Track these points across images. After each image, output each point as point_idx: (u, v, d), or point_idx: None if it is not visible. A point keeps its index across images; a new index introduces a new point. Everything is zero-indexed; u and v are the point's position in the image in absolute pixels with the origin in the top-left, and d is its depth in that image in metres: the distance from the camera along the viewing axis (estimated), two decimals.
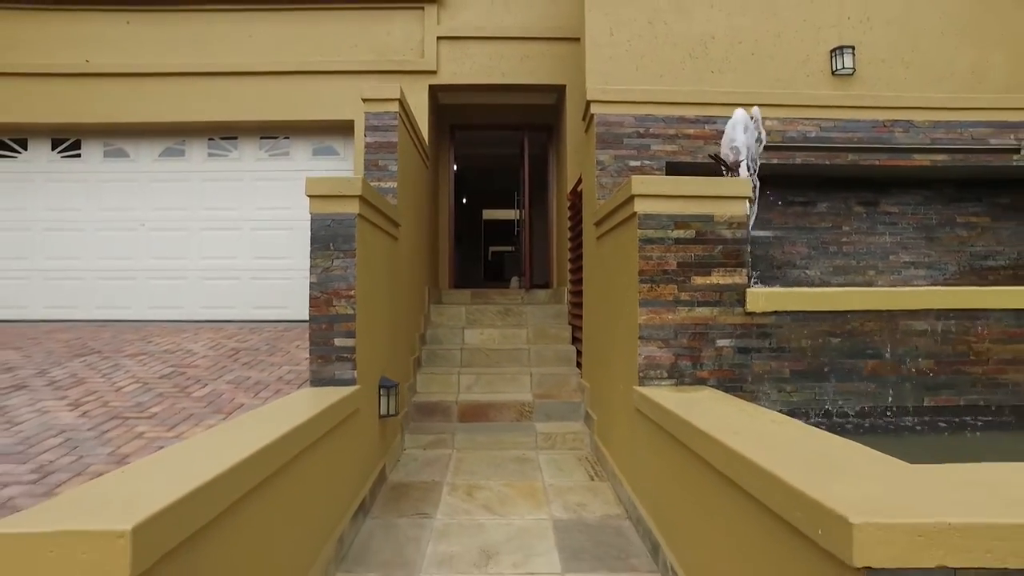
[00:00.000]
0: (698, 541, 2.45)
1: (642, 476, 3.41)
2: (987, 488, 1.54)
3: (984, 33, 5.69)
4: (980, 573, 1.31)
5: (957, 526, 1.32)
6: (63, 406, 3.98)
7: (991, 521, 1.32)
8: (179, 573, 1.51)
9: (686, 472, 2.56)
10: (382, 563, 3.04)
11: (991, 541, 1.31)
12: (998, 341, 3.67)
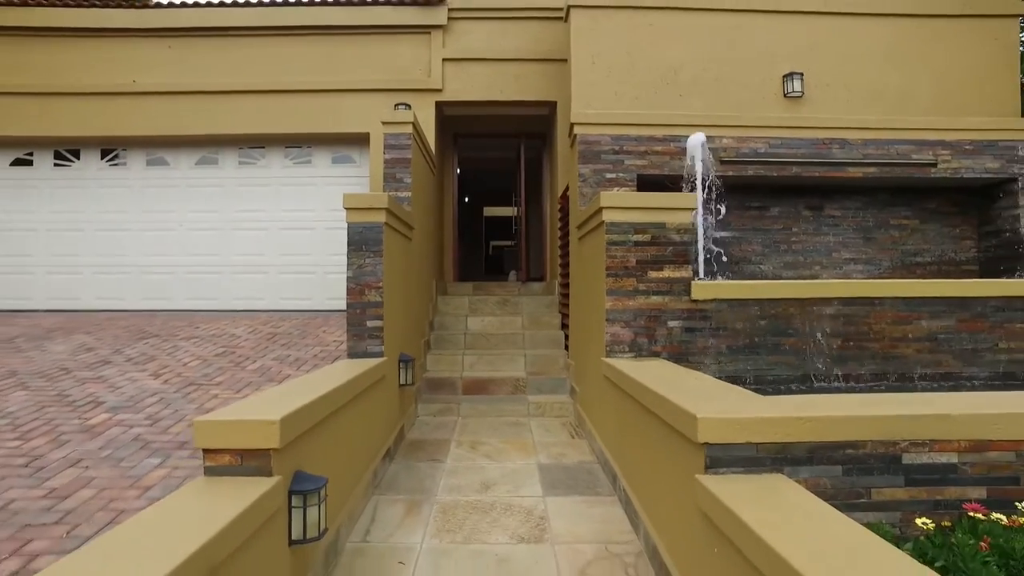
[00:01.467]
0: (638, 466, 3.42)
1: (608, 428, 4.37)
2: (792, 405, 2.51)
3: (912, 62, 6.62)
4: (766, 446, 2.27)
5: (756, 419, 2.28)
6: (147, 376, 4.96)
7: (773, 415, 2.29)
8: (299, 449, 2.48)
9: (634, 418, 3.53)
10: (408, 489, 4.02)
11: (773, 427, 2.27)
12: (890, 323, 4.63)
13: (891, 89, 6.64)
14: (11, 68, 8.08)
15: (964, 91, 6.66)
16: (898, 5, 6.71)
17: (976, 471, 2.36)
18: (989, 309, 4.64)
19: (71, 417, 4.00)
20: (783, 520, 1.77)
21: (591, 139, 6.17)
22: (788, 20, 6.70)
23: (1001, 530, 2.13)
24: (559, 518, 3.55)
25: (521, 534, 3.32)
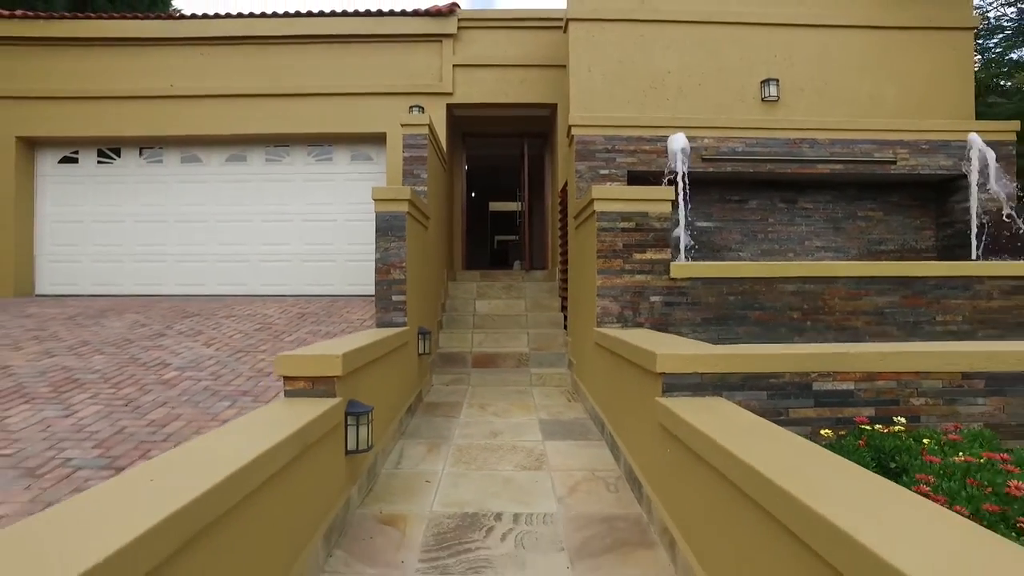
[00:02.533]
0: (619, 411, 4.17)
1: (598, 387, 5.13)
2: (731, 348, 3.26)
3: (878, 69, 7.33)
4: (709, 375, 3.02)
5: (701, 355, 3.03)
6: (200, 345, 5.74)
7: (714, 353, 3.04)
8: (352, 382, 3.25)
9: (617, 370, 4.28)
10: (428, 436, 4.78)
11: (714, 362, 3.02)
12: (843, 299, 5.36)
13: (859, 94, 7.36)
14: (61, 75, 8.86)
15: (925, 96, 7.38)
16: (865, 17, 7.42)
17: (867, 395, 3.11)
18: (928, 287, 5.36)
19: (147, 374, 4.78)
20: (717, 422, 2.50)
21: (587, 139, 6.91)
22: (765, 31, 7.42)
23: (878, 435, 2.88)
24: (555, 455, 4.32)
25: (524, 465, 4.09)
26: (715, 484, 2.19)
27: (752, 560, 1.86)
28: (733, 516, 2.02)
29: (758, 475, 1.78)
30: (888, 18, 7.42)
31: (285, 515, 2.31)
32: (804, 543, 1.49)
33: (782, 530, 1.62)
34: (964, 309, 5.34)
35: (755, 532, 1.83)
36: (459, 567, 2.70)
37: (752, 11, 7.43)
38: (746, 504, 1.88)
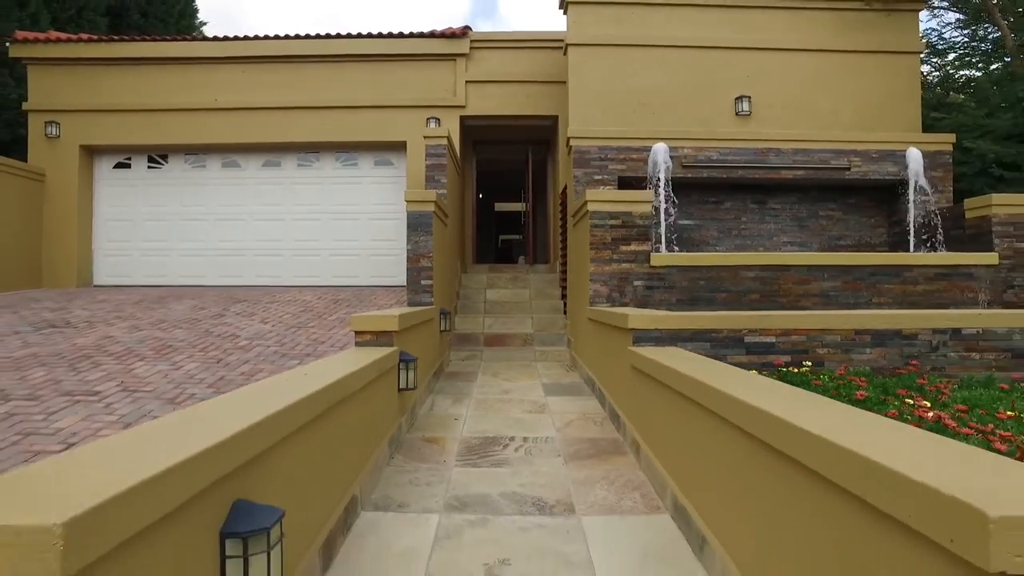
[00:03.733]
0: (609, 374, 5.27)
1: (589, 355, 6.23)
2: (684, 313, 4.36)
3: (837, 87, 8.43)
4: (667, 331, 4.12)
5: (660, 316, 4.14)
6: (257, 322, 6.86)
7: (670, 315, 4.15)
8: (402, 339, 4.37)
9: (603, 337, 5.38)
10: (452, 392, 5.89)
11: (670, 321, 4.13)
12: (795, 284, 6.45)
13: (821, 109, 8.46)
14: (118, 91, 9.99)
15: (878, 110, 8.47)
16: (826, 42, 8.52)
17: (784, 346, 4.22)
18: (865, 274, 6.45)
19: (224, 342, 5.90)
20: (669, 358, 3.60)
21: (583, 149, 8.02)
22: (740, 54, 8.52)
23: (789, 374, 3.98)
24: (555, 404, 5.43)
25: (529, 410, 5.20)
26: (667, 398, 3.29)
27: (692, 443, 2.95)
28: (679, 417, 3.12)
29: (695, 382, 2.84)
30: (846, 43, 8.51)
31: (367, 420, 3.42)
32: (724, 419, 2.38)
33: (711, 415, 2.59)
34: (895, 292, 6.43)
35: (693, 423, 2.92)
36: (485, 463, 3.82)
37: (728, 36, 8.54)
38: (688, 406, 2.96)
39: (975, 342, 4.43)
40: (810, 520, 1.67)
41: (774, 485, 1.91)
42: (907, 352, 4.38)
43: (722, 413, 2.34)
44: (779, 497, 1.88)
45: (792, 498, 1.78)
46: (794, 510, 1.77)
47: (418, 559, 2.60)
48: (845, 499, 1.47)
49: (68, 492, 1.14)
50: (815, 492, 1.63)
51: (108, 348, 5.60)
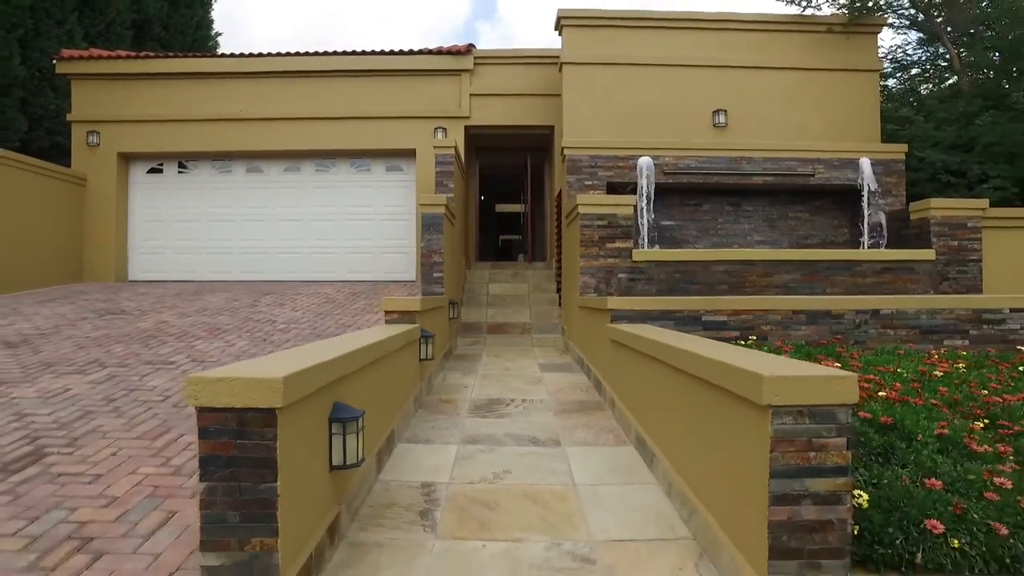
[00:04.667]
0: (594, 351, 6.22)
1: (580, 339, 7.18)
2: (654, 297, 5.32)
3: (805, 101, 9.39)
4: (638, 311, 5.07)
5: (633, 300, 5.09)
6: (288, 310, 7.81)
7: (641, 298, 5.10)
8: (422, 318, 5.33)
9: (590, 319, 6.33)
10: (461, 369, 6.84)
11: (641, 304, 5.08)
12: (759, 277, 7.39)
13: (790, 121, 9.42)
14: (152, 103, 10.94)
15: (842, 123, 9.43)
16: (795, 61, 9.48)
17: (735, 324, 5.17)
18: (821, 268, 7.40)
19: (264, 326, 6.85)
20: (638, 330, 4.55)
21: (575, 157, 8.97)
22: (717, 71, 9.48)
23: (740, 344, 4.92)
24: (549, 377, 6.38)
25: (527, 381, 6.15)
26: (633, 358, 4.24)
27: (648, 391, 3.91)
28: (640, 372, 4.07)
29: (648, 340, 3.81)
30: (812, 61, 9.48)
31: (399, 377, 4.37)
32: (663, 362, 3.39)
33: (658, 364, 3.59)
34: (847, 284, 7.38)
35: (648, 374, 3.88)
36: (491, 416, 4.77)
37: (707, 55, 9.50)
38: (646, 361, 3.92)
39: (890, 320, 5.38)
40: (696, 405, 2.65)
41: (683, 395, 2.88)
42: (835, 329, 5.33)
43: (662, 358, 3.31)
44: (684, 402, 2.85)
45: (690, 398, 2.75)
46: (689, 405, 2.74)
47: (444, 469, 3.57)
48: (714, 390, 2.44)
49: (277, 370, 2.11)
50: (698, 389, 2.60)
51: (166, 330, 6.56)
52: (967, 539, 2.14)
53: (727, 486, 2.39)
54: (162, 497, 2.93)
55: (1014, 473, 2.38)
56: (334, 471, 2.60)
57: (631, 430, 4.12)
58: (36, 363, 5.18)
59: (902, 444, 2.64)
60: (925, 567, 2.16)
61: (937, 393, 3.37)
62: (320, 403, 2.49)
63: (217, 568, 2.03)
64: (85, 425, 3.81)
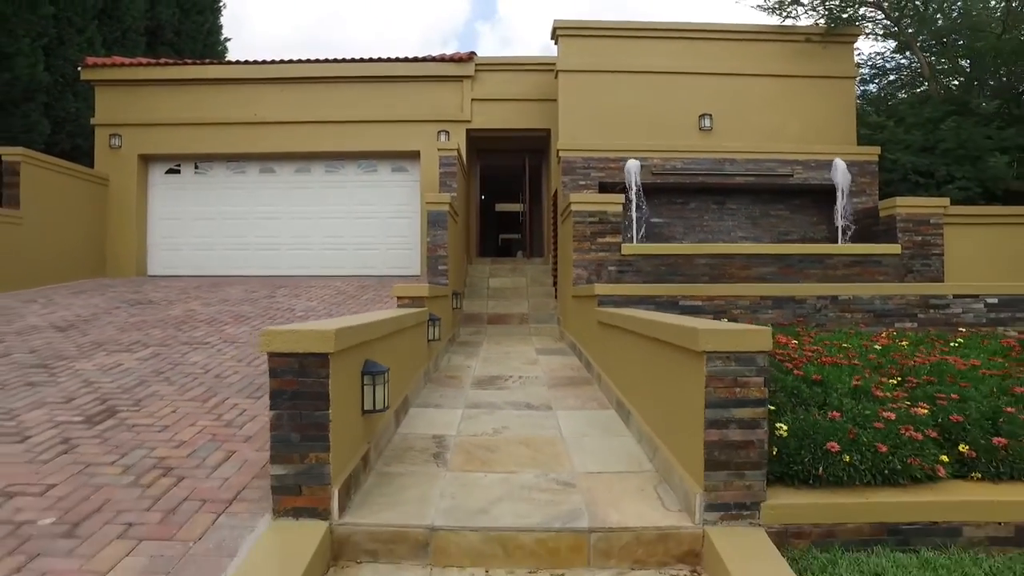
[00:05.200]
0: (584, 334, 6.86)
1: (572, 326, 7.81)
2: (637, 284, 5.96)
3: (785, 106, 10.03)
4: (623, 296, 5.71)
5: (619, 286, 5.73)
6: (304, 301, 8.45)
7: (625, 285, 5.74)
8: (430, 304, 5.97)
9: (581, 306, 6.97)
10: (464, 353, 7.48)
11: (626, 290, 5.72)
12: (739, 269, 8.01)
13: (771, 125, 10.06)
14: (169, 107, 11.57)
15: (819, 126, 10.06)
16: (775, 68, 10.11)
17: (708, 308, 5.81)
18: (795, 261, 8.02)
19: (284, 314, 7.48)
20: (619, 310, 5.18)
21: (570, 159, 9.61)
22: (703, 78, 10.11)
23: None
24: (543, 360, 7.02)
25: (525, 362, 6.79)
26: (615, 335, 4.88)
27: (627, 361, 4.54)
28: (621, 346, 4.71)
29: (626, 316, 4.46)
30: (792, 69, 10.11)
31: (411, 351, 5.01)
32: (638, 334, 4.11)
33: (635, 336, 4.26)
34: (819, 276, 8.00)
35: (627, 345, 4.52)
36: (492, 388, 5.41)
37: (693, 63, 10.13)
38: (625, 335, 4.57)
39: (848, 305, 6.01)
40: (657, 362, 3.29)
41: (649, 356, 3.52)
42: (798, 312, 5.96)
43: (634, 329, 3.96)
44: (650, 361, 3.49)
45: (653, 357, 3.40)
46: (653, 363, 3.39)
47: (452, 425, 4.21)
48: (671, 350, 3.08)
49: (327, 327, 2.75)
50: (658, 348, 3.25)
51: (195, 317, 7.19)
52: (857, 456, 2.77)
53: (678, 423, 3.03)
54: (220, 441, 3.57)
55: (899, 410, 3.01)
56: (365, 415, 3.24)
57: (613, 398, 4.76)
58: (87, 343, 5.82)
59: (824, 393, 3.28)
60: (826, 479, 2.80)
61: (867, 360, 4.01)
62: (356, 357, 3.13)
63: (283, 476, 2.67)
64: (144, 391, 4.45)
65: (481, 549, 2.64)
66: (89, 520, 2.68)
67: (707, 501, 2.68)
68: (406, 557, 2.65)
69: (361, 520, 2.72)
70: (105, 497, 2.88)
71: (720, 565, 2.48)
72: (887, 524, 2.72)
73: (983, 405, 3.10)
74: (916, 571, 2.48)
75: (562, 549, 2.64)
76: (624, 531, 2.67)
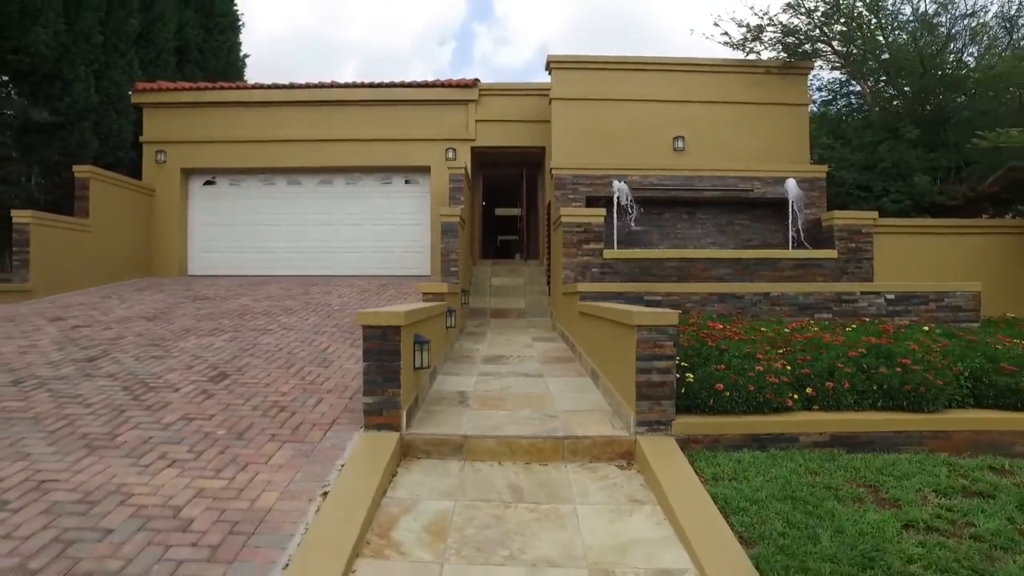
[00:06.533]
0: (570, 323, 8.42)
1: (563, 320, 9.38)
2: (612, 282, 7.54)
3: (748, 129, 11.61)
4: (601, 293, 7.28)
5: (596, 284, 7.31)
6: (335, 297, 10.00)
7: (602, 283, 7.32)
8: (448, 299, 7.54)
9: (568, 301, 8.53)
10: (473, 341, 9.03)
11: (602, 287, 7.30)
12: (701, 271, 9.58)
13: (735, 145, 11.63)
14: (208, 126, 13.09)
15: (779, 147, 11.64)
16: (740, 96, 11.69)
17: (667, 302, 7.37)
18: (750, 264, 9.58)
19: (323, 307, 9.03)
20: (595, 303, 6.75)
21: (561, 176, 11.17)
22: (678, 105, 11.69)
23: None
24: (538, 345, 8.58)
25: (522, 346, 8.36)
26: (596, 325, 6.44)
27: (598, 341, 6.11)
28: (594, 330, 6.28)
29: (599, 307, 6.03)
30: (754, 97, 11.70)
31: (437, 334, 6.55)
32: (605, 319, 5.68)
33: (603, 321, 5.83)
34: (770, 277, 9.55)
35: (600, 329, 6.09)
36: (498, 363, 6.98)
37: (669, 92, 11.71)
38: (598, 322, 6.13)
39: (778, 300, 7.59)
40: (612, 336, 4.88)
41: (609, 333, 5.10)
42: (738, 306, 7.53)
43: (601, 315, 5.54)
44: (609, 336, 5.07)
45: (610, 333, 4.98)
46: (610, 337, 4.97)
47: (470, 385, 5.78)
48: (621, 327, 4.67)
49: (396, 310, 4.33)
50: (614, 327, 4.84)
51: (252, 310, 8.74)
52: (735, 394, 4.35)
53: (623, 375, 4.60)
54: (310, 393, 5.13)
55: (769, 365, 4.59)
56: (416, 370, 4.80)
57: (588, 368, 6.33)
58: (177, 329, 7.37)
59: (724, 357, 4.85)
60: (715, 408, 4.37)
61: (767, 337, 5.58)
62: (411, 331, 4.68)
63: (371, 403, 4.23)
64: (240, 362, 6.01)
65: (495, 449, 4.21)
66: (246, 433, 4.24)
67: (638, 420, 4.25)
68: (448, 455, 4.21)
69: (419, 432, 4.29)
70: (249, 422, 4.44)
71: (644, 459, 4.04)
72: (751, 435, 4.30)
73: (825, 363, 4.68)
74: (764, 459, 4.06)
75: (546, 449, 4.21)
76: (586, 439, 4.25)
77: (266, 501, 3.32)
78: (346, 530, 3.02)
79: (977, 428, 4.38)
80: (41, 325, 7.44)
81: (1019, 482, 3.81)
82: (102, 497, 3.30)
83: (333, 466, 3.78)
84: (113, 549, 2.83)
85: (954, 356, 4.90)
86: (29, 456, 3.75)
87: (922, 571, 2.86)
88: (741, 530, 3.18)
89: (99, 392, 4.99)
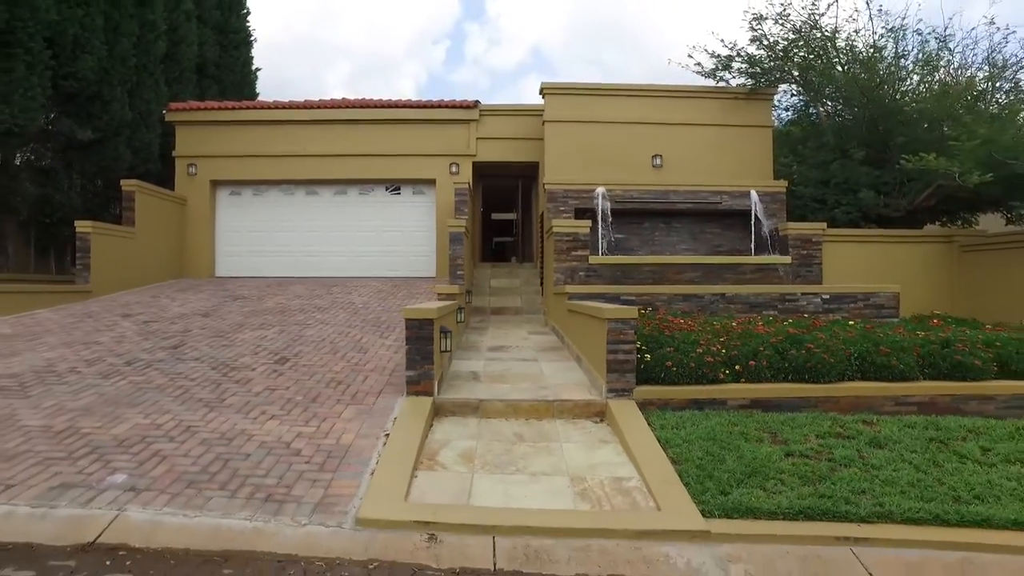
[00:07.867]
0: (560, 320, 9.92)
1: (555, 316, 10.87)
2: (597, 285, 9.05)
3: (719, 149, 13.16)
4: (588, 293, 8.78)
5: (583, 286, 8.81)
6: (355, 296, 11.46)
7: (589, 285, 8.83)
8: (457, 297, 9.03)
9: (558, 301, 10.03)
10: (476, 334, 10.51)
11: (589, 288, 8.80)
12: (675, 275, 11.10)
13: (708, 163, 13.17)
14: (234, 141, 14.49)
15: (747, 165, 13.18)
16: (711, 119, 13.23)
17: (639, 301, 8.88)
18: (716, 269, 11.10)
19: (347, 305, 10.48)
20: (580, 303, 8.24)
21: (553, 191, 12.67)
22: (657, 127, 13.21)
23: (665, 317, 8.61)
24: (533, 337, 10.08)
25: (519, 338, 9.85)
26: (580, 319, 7.94)
27: (581, 331, 7.61)
28: (578, 323, 7.78)
29: (583, 304, 7.53)
30: (724, 120, 13.24)
31: (452, 327, 8.03)
32: (587, 315, 7.18)
33: (585, 316, 7.33)
34: (733, 279, 11.09)
35: (583, 323, 7.59)
36: (500, 352, 8.48)
37: (649, 115, 13.23)
38: (581, 316, 7.63)
39: (732, 300, 9.11)
40: (591, 328, 6.40)
41: (588, 326, 6.62)
42: (698, 304, 9.04)
43: (583, 312, 7.05)
44: (588, 328, 6.59)
45: (589, 326, 6.50)
46: (589, 329, 6.49)
47: (479, 366, 7.28)
48: (596, 320, 6.19)
49: (430, 306, 5.84)
50: (592, 321, 6.36)
51: (288, 307, 10.18)
52: (680, 370, 5.86)
53: (597, 355, 6.09)
54: (358, 372, 6.60)
55: (707, 348, 6.10)
56: (442, 353, 6.27)
57: (574, 354, 7.83)
58: (232, 323, 8.81)
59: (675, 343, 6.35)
60: (665, 380, 5.89)
61: (715, 329, 7.09)
62: (439, 323, 6.16)
63: (412, 375, 5.72)
64: (294, 349, 7.46)
65: (503, 410, 5.71)
66: (318, 399, 5.71)
67: (608, 388, 5.75)
68: (468, 414, 5.70)
69: (446, 397, 5.79)
70: (317, 391, 5.91)
71: (612, 416, 5.54)
72: (692, 399, 5.82)
73: (751, 347, 6.20)
74: (700, 416, 5.57)
75: (540, 409, 5.71)
76: (570, 402, 5.76)
77: (347, 439, 4.80)
78: (407, 455, 4.51)
79: (858, 394, 5.92)
80: (117, 320, 8.86)
81: (877, 430, 5.34)
82: (233, 436, 4.77)
83: (387, 419, 5.26)
84: (255, 463, 4.31)
85: (851, 343, 6.43)
86: (169, 411, 5.21)
87: (787, 476, 4.38)
88: (673, 456, 4.69)
89: (194, 371, 6.44)
